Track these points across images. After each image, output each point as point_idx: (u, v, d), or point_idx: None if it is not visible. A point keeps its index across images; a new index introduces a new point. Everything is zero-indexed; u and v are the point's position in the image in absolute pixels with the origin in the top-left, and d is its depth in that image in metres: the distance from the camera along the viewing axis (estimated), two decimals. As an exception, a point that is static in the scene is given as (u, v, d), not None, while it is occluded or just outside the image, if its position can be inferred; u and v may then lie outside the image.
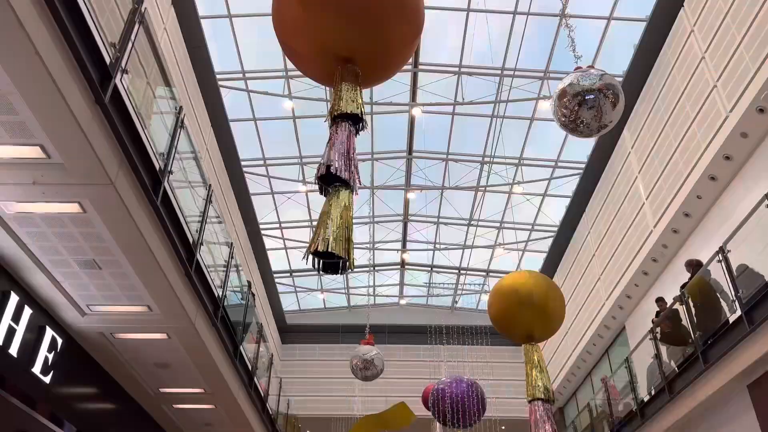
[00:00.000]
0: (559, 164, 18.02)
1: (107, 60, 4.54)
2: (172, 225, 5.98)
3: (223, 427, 9.67)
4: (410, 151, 18.59)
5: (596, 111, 5.91)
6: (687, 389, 8.86)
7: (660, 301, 11.09)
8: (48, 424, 6.85)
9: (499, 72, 15.53)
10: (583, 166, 16.94)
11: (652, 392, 10.27)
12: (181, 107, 6.60)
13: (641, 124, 13.61)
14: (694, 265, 9.58)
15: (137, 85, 5.55)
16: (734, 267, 7.79)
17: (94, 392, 7.39)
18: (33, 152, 4.48)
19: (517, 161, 18.18)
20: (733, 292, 7.61)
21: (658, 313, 10.96)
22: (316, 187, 5.47)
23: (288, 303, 24.88)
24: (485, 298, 21.77)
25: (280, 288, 23.27)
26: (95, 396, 7.43)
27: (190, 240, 6.61)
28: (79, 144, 4.38)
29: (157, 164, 5.60)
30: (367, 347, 14.05)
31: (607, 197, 15.90)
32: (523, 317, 10.13)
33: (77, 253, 5.54)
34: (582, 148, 16.88)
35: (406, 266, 24.22)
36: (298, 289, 24.77)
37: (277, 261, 22.13)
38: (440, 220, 21.38)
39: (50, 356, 6.12)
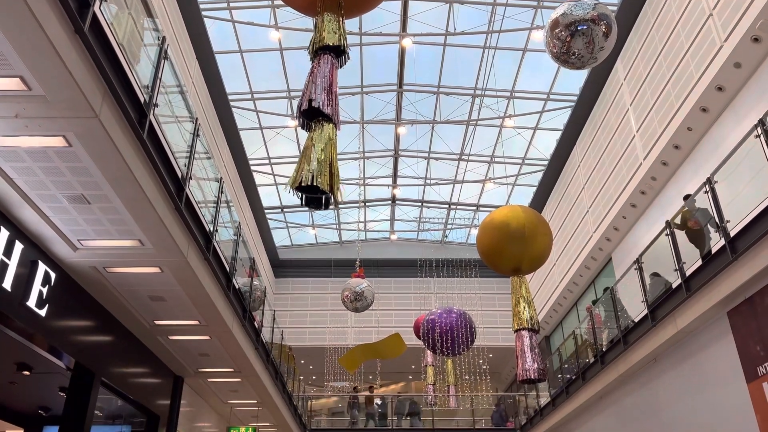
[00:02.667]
0: (551, 97, 17.84)
1: (84, -13, 4.37)
2: (160, 159, 5.92)
3: (219, 357, 9.94)
4: (400, 84, 18.29)
5: (588, 41, 5.81)
6: (668, 317, 9.14)
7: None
8: (47, 355, 7.02)
9: (491, 0, 15.11)
10: (575, 98, 16.79)
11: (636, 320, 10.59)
12: (164, 37, 6.41)
13: (634, 55, 13.41)
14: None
15: (118, 16, 5.36)
16: (721, 200, 7.88)
17: (90, 325, 7.52)
18: (13, 84, 4.37)
19: (508, 94, 17.97)
20: (718, 222, 7.73)
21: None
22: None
23: (280, 239, 25.06)
24: (475, 232, 22.00)
25: (271, 224, 23.38)
26: (92, 329, 7.57)
27: (179, 174, 6.57)
28: (60, 75, 4.27)
29: (142, 97, 5.48)
30: (358, 280, 14.28)
31: (597, 130, 15.86)
32: (510, 251, 10.29)
33: (65, 188, 5.50)
34: (574, 80, 16.68)
35: (397, 201, 24.30)
36: (289, 224, 24.91)
37: (267, 197, 22.12)
38: (431, 155, 21.31)
39: (44, 290, 6.19)
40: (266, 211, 22.27)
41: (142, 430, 9.70)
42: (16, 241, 5.80)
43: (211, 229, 7.80)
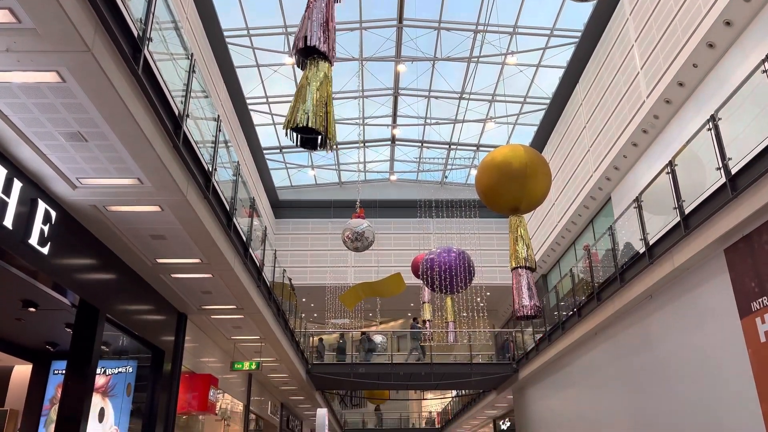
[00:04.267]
0: (555, 32, 17.42)
1: None
2: (156, 96, 5.82)
3: (222, 295, 10.09)
4: (400, 19, 17.81)
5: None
6: (666, 254, 9.22)
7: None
8: (51, 293, 7.12)
9: (494, -70, 14.53)
10: (579, 34, 16.39)
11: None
12: (155, -32, 6.18)
13: (642, -12, 13.01)
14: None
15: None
16: (724, 138, 7.81)
17: (93, 263, 7.59)
18: (2, 16, 4.25)
19: (511, 30, 17.53)
20: (720, 160, 7.69)
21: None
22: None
23: (279, 180, 25.03)
24: (475, 173, 21.97)
25: (270, 164, 23.29)
26: (95, 267, 7.65)
27: (176, 112, 6.48)
28: (49, 6, 4.14)
29: (136, 31, 5.34)
30: (358, 220, 14.36)
31: (601, 67, 15.57)
32: (509, 190, 10.31)
33: (61, 125, 5.43)
34: (579, 15, 16.25)
35: (397, 142, 24.12)
36: (288, 165, 24.81)
37: (266, 137, 21.95)
38: (431, 93, 21.00)
39: (45, 228, 6.21)
40: (265, 151, 22.14)
41: (148, 365, 9.96)
42: (15, 179, 5.77)
43: (210, 168, 7.76)
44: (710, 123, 8.00)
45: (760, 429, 7.32)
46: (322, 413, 21.30)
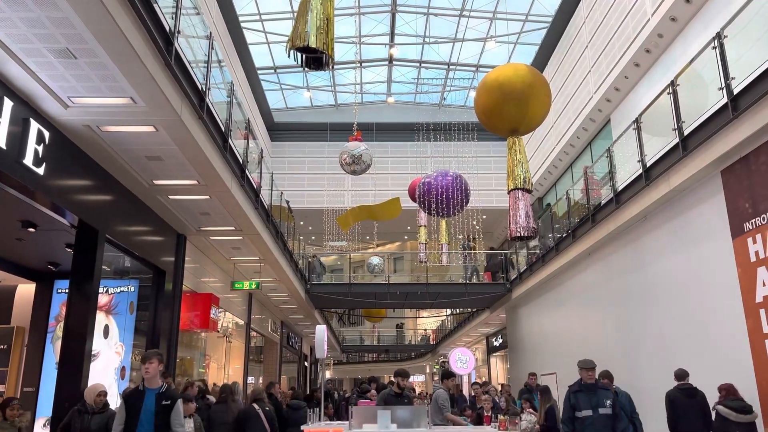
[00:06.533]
0: (559, -54, 16.66)
1: None
2: (146, 11, 5.62)
3: (220, 216, 10.15)
4: (398, -70, 16.96)
5: None
6: (662, 176, 9.24)
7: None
8: (49, 213, 7.15)
9: None
10: (584, -53, 15.68)
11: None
12: None
13: None
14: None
15: None
16: (728, 58, 7.65)
17: (90, 184, 7.57)
18: None
19: (513, -58, 16.75)
20: (722, 76, 7.56)
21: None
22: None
23: (274, 101, 24.61)
24: (473, 94, 21.60)
25: (265, 85, 22.83)
26: (92, 188, 7.63)
27: (167, 28, 6.28)
28: None
29: (120, -61, 5.09)
30: (355, 143, 14.25)
31: (606, -17, 15.00)
32: (508, 111, 10.18)
33: (49, 41, 5.26)
34: (585, -74, 15.47)
35: (394, 62, 23.54)
36: (283, 86, 24.32)
37: (260, 57, 21.38)
38: (430, 10, 20.30)
39: (39, 149, 6.15)
40: (259, 71, 21.63)
41: (149, 285, 10.16)
42: (5, 97, 5.66)
43: (204, 87, 7.60)
44: (716, 41, 7.81)
45: (744, 342, 7.60)
46: (321, 330, 21.96)
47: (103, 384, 7.20)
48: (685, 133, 8.59)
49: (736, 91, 7.34)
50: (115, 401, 8.23)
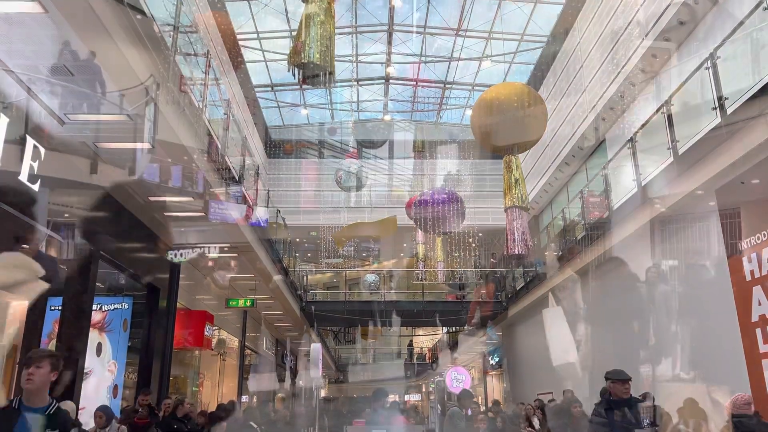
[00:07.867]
0: (554, -33, 16.88)
1: None
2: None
3: (215, 233, 10.11)
4: (395, -49, 17.17)
5: None
6: (658, 194, 9.27)
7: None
8: (44, 230, 7.10)
9: None
10: (579, -32, 15.90)
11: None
12: None
13: None
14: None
15: None
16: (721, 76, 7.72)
17: (85, 201, 7.54)
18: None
19: (509, -37, 16.97)
20: (716, 96, 7.62)
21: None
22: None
23: (271, 119, 24.70)
24: (470, 112, 21.72)
25: (261, 103, 22.92)
26: (88, 205, 7.60)
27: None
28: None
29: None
30: (351, 161, 14.31)
31: (601, 1, 15.17)
32: (504, 130, 10.25)
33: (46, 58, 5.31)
34: (580, -53, 15.70)
35: (391, 80, 23.69)
36: (280, 104, 24.41)
37: (257, 75, 21.50)
38: (427, 30, 20.48)
39: (35, 165, 6.14)
40: (256, 89, 21.73)
41: (143, 302, 10.08)
42: (0, 114, 5.66)
43: (202, 105, 7.63)
44: (708, 62, 7.88)
45: (741, 362, 7.56)
46: (316, 348, 21.84)
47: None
48: (680, 152, 8.62)
49: (729, 111, 7.39)
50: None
